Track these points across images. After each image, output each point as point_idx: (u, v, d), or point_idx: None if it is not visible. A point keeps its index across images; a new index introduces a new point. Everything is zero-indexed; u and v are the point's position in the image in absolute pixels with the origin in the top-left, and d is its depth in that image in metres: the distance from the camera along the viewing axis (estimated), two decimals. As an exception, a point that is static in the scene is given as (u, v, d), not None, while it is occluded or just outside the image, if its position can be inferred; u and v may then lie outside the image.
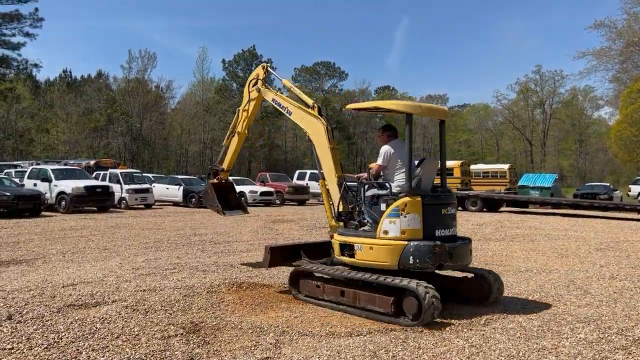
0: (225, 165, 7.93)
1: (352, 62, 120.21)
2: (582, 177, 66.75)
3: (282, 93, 7.76)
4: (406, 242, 5.50)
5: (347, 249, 6.00)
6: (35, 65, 48.37)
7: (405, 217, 5.54)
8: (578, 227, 16.53)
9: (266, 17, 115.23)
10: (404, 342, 4.84)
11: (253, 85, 7.62)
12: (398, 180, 6.04)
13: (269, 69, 7.85)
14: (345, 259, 6.03)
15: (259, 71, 7.75)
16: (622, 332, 5.21)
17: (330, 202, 6.58)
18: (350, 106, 7.17)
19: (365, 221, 6.09)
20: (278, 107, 7.45)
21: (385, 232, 5.64)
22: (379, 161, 6.24)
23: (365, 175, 6.50)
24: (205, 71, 65.50)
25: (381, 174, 6.28)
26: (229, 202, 7.90)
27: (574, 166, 72.58)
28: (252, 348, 4.67)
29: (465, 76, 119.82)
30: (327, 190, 6.61)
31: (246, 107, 7.72)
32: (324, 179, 6.67)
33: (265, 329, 5.21)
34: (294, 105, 7.19)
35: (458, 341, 4.87)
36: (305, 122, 6.93)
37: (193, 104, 65.09)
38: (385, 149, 6.23)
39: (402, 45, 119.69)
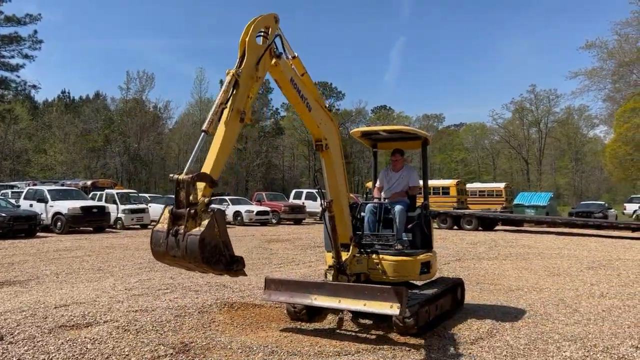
0: (215, 172, 4.38)
1: (348, 81, 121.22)
2: (579, 196, 66.94)
3: None
4: None
5: (426, 267, 6.34)
6: (34, 87, 48.65)
7: None
8: (572, 246, 16.61)
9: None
10: (391, 360, 4.90)
11: (258, 36, 4.78)
12: None
13: (278, 28, 5.10)
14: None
15: (269, 21, 4.96)
16: (607, 350, 5.27)
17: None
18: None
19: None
20: (295, 95, 5.21)
21: None
22: (421, 182, 6.84)
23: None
24: (203, 92, 66.07)
25: None
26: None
27: (570, 184, 72.83)
28: (241, 368, 4.72)
29: (461, 95, 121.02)
30: (333, 216, 5.66)
31: (258, 75, 4.68)
32: (331, 200, 5.63)
33: (255, 348, 5.25)
34: (314, 100, 5.51)
35: (445, 360, 4.93)
36: (324, 127, 5.59)
37: (190, 124, 65.43)
38: (416, 170, 6.85)
39: (399, 64, 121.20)
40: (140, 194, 29.27)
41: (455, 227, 25.04)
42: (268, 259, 12.84)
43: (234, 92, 4.46)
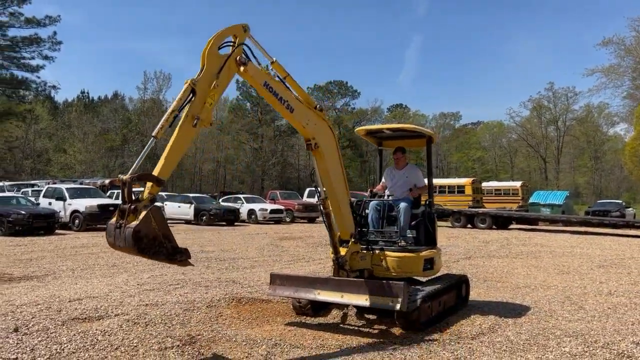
0: (164, 174, 4.62)
1: (364, 80, 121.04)
2: (598, 194, 66.03)
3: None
4: None
5: (429, 263, 6.42)
6: (54, 87, 49.58)
7: None
8: (585, 245, 16.50)
9: (279, 37, 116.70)
10: (391, 354, 5.00)
11: (219, 48, 5.00)
12: None
13: (249, 36, 5.35)
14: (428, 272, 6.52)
15: (236, 31, 5.19)
16: (607, 346, 5.31)
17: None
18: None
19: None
20: (272, 98, 5.42)
21: None
22: (425, 181, 6.91)
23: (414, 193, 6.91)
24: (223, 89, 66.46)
25: None
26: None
27: (589, 183, 71.83)
28: (244, 359, 4.86)
29: (478, 93, 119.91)
30: (328, 213, 5.91)
31: (218, 82, 4.88)
32: (325, 198, 5.84)
33: (259, 341, 5.40)
34: (297, 101, 5.63)
35: (444, 354, 5.01)
36: (312, 127, 5.66)
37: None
38: (420, 169, 7.00)
39: (415, 63, 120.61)
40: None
41: (469, 226, 24.98)
42: (279, 256, 13.00)
43: (192, 99, 4.71)
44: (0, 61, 45.84)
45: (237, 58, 5.08)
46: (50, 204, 21.62)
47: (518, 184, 39.98)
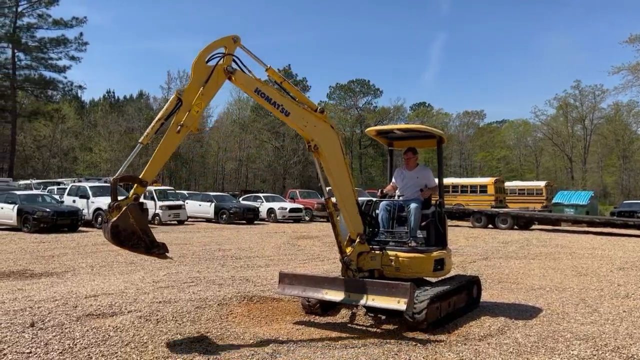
0: (147, 176, 5.27)
1: (386, 79, 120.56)
2: (626, 195, 64.50)
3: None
4: None
5: (439, 264, 6.44)
6: (80, 87, 50.60)
7: None
8: (608, 246, 16.19)
9: (301, 36, 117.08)
10: (396, 354, 5.01)
11: (208, 62, 5.39)
12: None
13: (241, 46, 5.60)
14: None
15: (225, 43, 5.48)
16: (617, 349, 5.23)
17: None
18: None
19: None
20: (266, 103, 5.61)
21: None
22: (436, 181, 6.89)
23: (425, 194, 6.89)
24: (241, 91, 66.94)
25: None
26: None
27: (617, 183, 70.21)
28: (250, 357, 4.92)
29: (503, 91, 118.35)
30: (331, 212, 6.08)
31: (202, 91, 5.31)
32: (329, 198, 6.01)
33: (267, 339, 5.46)
34: (293, 104, 5.74)
35: (449, 354, 5.00)
36: (312, 129, 5.76)
37: (229, 122, 66.59)
38: (431, 170, 7.01)
39: (438, 61, 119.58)
40: (178, 191, 30.06)
41: (490, 226, 24.70)
42: (294, 254, 13.08)
43: (179, 108, 5.23)
44: (29, 62, 47.06)
45: (226, 68, 5.39)
46: (74, 201, 22.12)
47: (542, 183, 39.37)
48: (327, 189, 6.17)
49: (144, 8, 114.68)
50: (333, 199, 6.11)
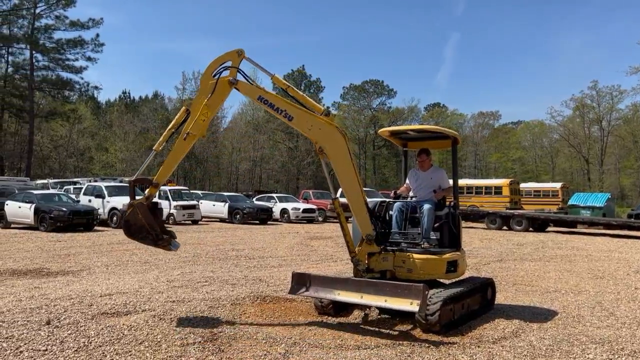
0: (160, 178, 6.07)
1: (401, 79, 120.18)
2: (645, 197, 63.55)
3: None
4: None
5: (453, 265, 6.37)
6: (96, 88, 51.33)
7: None
8: (625, 249, 15.97)
9: (315, 37, 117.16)
10: (409, 356, 4.99)
11: (214, 75, 5.96)
12: None
13: (246, 58, 6.06)
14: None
15: (231, 57, 6.02)
16: (634, 353, 5.16)
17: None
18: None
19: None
20: (270, 110, 6.03)
21: None
22: (450, 182, 6.83)
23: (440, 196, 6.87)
24: (255, 91, 67.16)
25: None
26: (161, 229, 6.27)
27: (635, 185, 69.22)
28: (262, 357, 4.93)
29: (518, 92, 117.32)
30: (339, 213, 6.20)
31: (208, 102, 5.91)
32: (336, 198, 6.17)
33: (279, 339, 5.47)
34: (296, 108, 5.96)
35: (462, 357, 4.97)
36: (317, 132, 5.92)
37: (244, 123, 66.85)
38: (444, 171, 7.02)
39: (452, 61, 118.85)
40: (193, 191, 30.26)
41: (505, 228, 24.50)
42: (307, 255, 13.09)
43: (188, 118, 5.96)
44: (46, 63, 47.75)
45: (229, 79, 5.92)
46: (90, 201, 22.36)
47: (558, 185, 38.92)
48: (339, 190, 6.30)
49: (158, 9, 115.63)
50: (343, 200, 6.11)
